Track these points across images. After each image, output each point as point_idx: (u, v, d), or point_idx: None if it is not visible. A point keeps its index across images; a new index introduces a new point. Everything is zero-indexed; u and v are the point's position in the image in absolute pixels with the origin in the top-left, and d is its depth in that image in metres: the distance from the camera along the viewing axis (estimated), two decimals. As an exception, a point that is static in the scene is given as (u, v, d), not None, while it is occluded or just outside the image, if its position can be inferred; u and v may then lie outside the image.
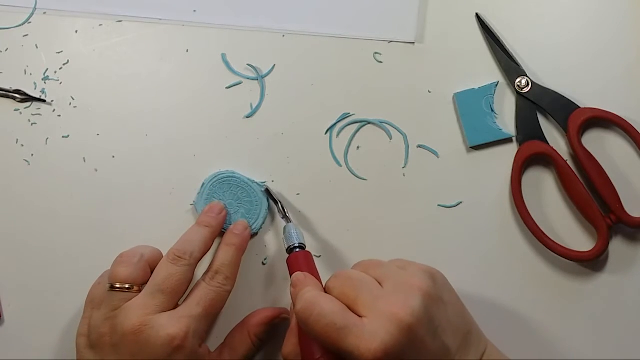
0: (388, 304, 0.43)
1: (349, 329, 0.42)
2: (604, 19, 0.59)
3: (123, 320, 0.48)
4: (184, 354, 0.47)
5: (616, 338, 0.58)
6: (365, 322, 0.43)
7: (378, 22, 0.59)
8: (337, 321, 0.43)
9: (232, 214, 0.56)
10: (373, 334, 0.42)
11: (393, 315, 0.42)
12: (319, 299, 0.44)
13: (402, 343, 0.42)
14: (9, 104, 0.58)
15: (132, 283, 0.50)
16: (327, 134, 0.59)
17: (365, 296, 0.44)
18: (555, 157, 0.57)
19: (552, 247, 0.56)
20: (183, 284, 0.50)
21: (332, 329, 0.43)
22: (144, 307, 0.48)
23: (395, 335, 0.42)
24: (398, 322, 0.42)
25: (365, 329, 0.42)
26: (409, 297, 0.43)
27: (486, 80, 0.59)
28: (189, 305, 0.49)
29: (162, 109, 0.58)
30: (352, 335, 0.42)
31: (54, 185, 0.58)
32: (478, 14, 0.59)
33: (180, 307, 0.49)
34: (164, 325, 0.47)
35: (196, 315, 0.49)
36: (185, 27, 0.59)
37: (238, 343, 0.53)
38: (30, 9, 0.59)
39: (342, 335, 0.42)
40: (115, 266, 0.51)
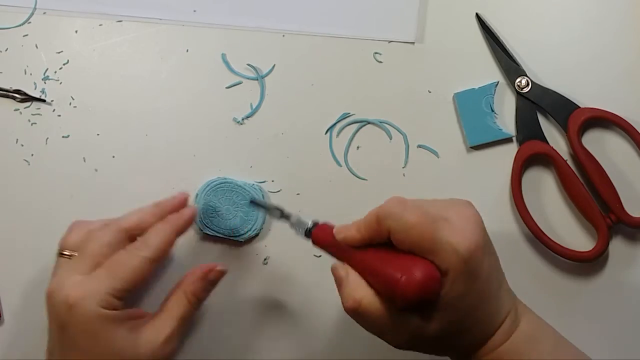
0: (460, 210, 0.45)
1: (442, 223, 0.43)
2: (604, 19, 0.59)
3: (49, 284, 0.49)
4: (80, 314, 0.46)
5: (616, 338, 0.58)
6: (452, 223, 0.43)
7: (378, 22, 0.59)
8: (430, 212, 0.43)
9: (230, 219, 0.56)
10: (464, 230, 0.43)
11: (471, 217, 0.44)
12: (405, 199, 0.44)
13: (485, 240, 0.44)
14: (9, 104, 0.58)
15: (73, 250, 0.50)
16: (327, 134, 0.59)
17: (435, 206, 0.44)
18: (555, 157, 0.57)
19: (552, 247, 0.56)
20: (103, 247, 0.49)
21: (428, 220, 0.42)
22: (65, 271, 0.49)
23: (480, 233, 0.44)
24: (478, 223, 0.44)
25: (455, 225, 0.43)
26: (471, 208, 0.45)
27: (486, 80, 0.59)
28: (99, 269, 0.49)
29: (162, 108, 0.58)
30: (446, 228, 0.42)
31: (54, 185, 0.58)
32: (478, 14, 0.59)
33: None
34: (66, 285, 0.47)
35: (98, 276, 0.48)
36: (185, 27, 0.59)
37: (173, 303, 0.51)
38: (30, 9, 0.59)
39: (437, 227, 0.42)
40: (66, 232, 0.51)
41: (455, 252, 0.42)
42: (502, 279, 0.47)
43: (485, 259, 0.44)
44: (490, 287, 0.45)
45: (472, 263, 0.42)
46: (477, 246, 0.43)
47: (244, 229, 0.57)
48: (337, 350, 0.58)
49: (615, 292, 0.58)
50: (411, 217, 0.43)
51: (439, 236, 0.42)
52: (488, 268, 0.44)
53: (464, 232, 0.43)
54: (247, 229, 0.57)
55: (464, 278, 0.42)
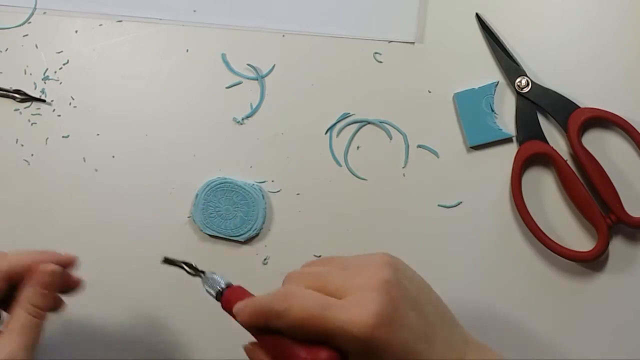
0: (361, 279, 0.41)
1: (333, 308, 0.40)
2: (604, 19, 0.59)
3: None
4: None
5: (616, 338, 0.58)
6: (346, 300, 0.40)
7: (378, 22, 0.59)
8: (320, 302, 0.40)
9: (230, 219, 0.57)
10: (360, 306, 0.40)
11: (370, 286, 0.41)
12: (293, 290, 0.42)
13: (388, 309, 0.40)
14: (9, 104, 0.58)
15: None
16: (327, 134, 0.59)
17: (334, 280, 0.42)
18: (555, 157, 0.57)
19: (552, 247, 0.56)
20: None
21: (316, 312, 0.40)
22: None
23: (380, 302, 0.40)
24: (378, 290, 0.40)
25: (349, 304, 0.40)
26: (379, 270, 0.42)
27: (486, 80, 0.59)
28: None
29: (162, 108, 0.58)
30: (339, 312, 0.40)
31: (54, 185, 0.58)
32: (478, 14, 0.59)
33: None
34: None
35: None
36: (185, 27, 0.59)
37: (13, 316, 0.47)
38: (30, 9, 0.59)
39: (328, 315, 0.40)
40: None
41: (348, 334, 0.39)
42: (440, 329, 0.43)
43: (395, 330, 0.40)
44: (410, 357, 0.41)
45: (373, 340, 0.39)
46: (377, 321, 0.39)
47: (244, 229, 0.57)
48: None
49: (615, 292, 0.58)
50: (297, 314, 0.40)
51: (330, 323, 0.40)
52: (401, 339, 0.40)
53: (359, 309, 0.40)
54: (247, 229, 0.57)
55: (366, 357, 0.40)
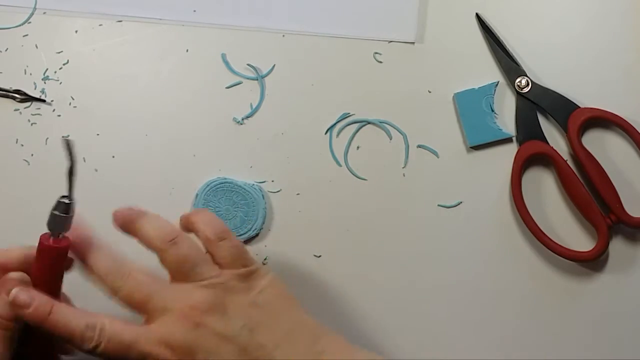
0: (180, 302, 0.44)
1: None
2: (604, 19, 0.59)
3: None
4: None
5: (616, 338, 0.58)
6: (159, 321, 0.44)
7: (378, 22, 0.59)
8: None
9: (230, 219, 0.57)
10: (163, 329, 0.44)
11: (181, 310, 0.44)
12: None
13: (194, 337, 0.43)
14: (9, 104, 0.58)
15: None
16: (327, 134, 0.59)
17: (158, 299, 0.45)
18: (555, 157, 0.57)
19: (552, 247, 0.56)
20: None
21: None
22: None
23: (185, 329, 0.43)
24: (187, 318, 0.43)
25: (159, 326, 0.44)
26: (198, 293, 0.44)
27: (486, 80, 0.59)
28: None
29: (162, 109, 0.58)
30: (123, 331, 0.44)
31: (54, 185, 0.58)
32: (478, 14, 0.59)
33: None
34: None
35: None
36: (185, 27, 0.59)
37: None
38: (30, 9, 0.59)
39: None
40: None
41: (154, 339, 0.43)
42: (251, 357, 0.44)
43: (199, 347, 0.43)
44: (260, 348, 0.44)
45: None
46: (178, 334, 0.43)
47: (244, 229, 0.57)
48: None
49: (615, 292, 0.58)
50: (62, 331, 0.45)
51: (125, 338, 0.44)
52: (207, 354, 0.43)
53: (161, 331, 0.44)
54: (247, 229, 0.57)
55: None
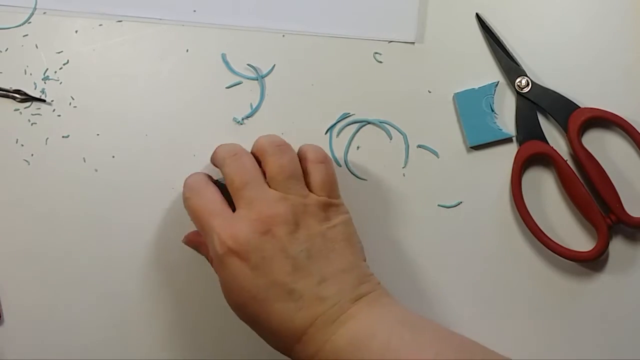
0: (261, 205, 0.47)
1: (218, 214, 0.47)
2: (604, 19, 0.59)
3: None
4: None
5: (616, 338, 0.58)
6: (235, 214, 0.47)
7: (378, 22, 0.59)
8: (211, 207, 0.48)
9: None
10: (236, 222, 0.46)
11: (260, 213, 0.47)
12: (201, 185, 0.50)
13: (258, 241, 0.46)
14: (9, 104, 0.58)
15: None
16: (327, 134, 0.59)
17: (248, 192, 0.48)
18: (555, 157, 0.57)
19: (552, 247, 0.56)
20: None
21: (206, 211, 0.48)
22: None
23: (254, 231, 0.46)
24: (261, 222, 0.46)
25: (232, 218, 0.47)
26: (280, 204, 0.47)
27: (486, 80, 0.59)
28: None
29: (162, 109, 0.58)
30: (220, 218, 0.47)
31: (54, 185, 0.58)
32: (478, 14, 0.59)
33: None
34: None
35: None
36: (185, 27, 0.59)
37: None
38: (30, 9, 0.59)
39: (211, 217, 0.47)
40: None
41: (210, 244, 0.47)
42: (297, 279, 0.46)
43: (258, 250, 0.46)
44: (259, 295, 0.46)
45: (226, 258, 0.46)
46: (240, 238, 0.46)
47: None
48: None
49: (615, 292, 0.58)
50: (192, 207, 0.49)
51: (207, 226, 0.47)
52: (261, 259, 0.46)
53: (235, 224, 0.46)
54: None
55: (221, 271, 0.47)
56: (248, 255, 0.45)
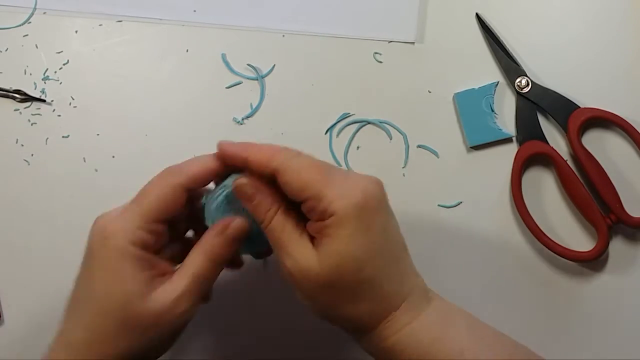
0: (357, 178, 0.44)
1: (335, 172, 0.43)
2: (604, 19, 0.59)
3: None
4: (110, 247, 0.44)
5: (616, 338, 0.58)
6: (348, 174, 0.44)
7: (378, 22, 0.59)
8: (325, 168, 0.43)
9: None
10: (358, 182, 0.43)
11: (366, 181, 0.43)
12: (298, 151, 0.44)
13: (381, 201, 0.43)
14: (9, 104, 0.58)
15: None
16: (327, 134, 0.59)
17: (336, 171, 0.44)
18: (555, 157, 0.57)
19: (552, 247, 0.56)
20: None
21: (321, 172, 0.42)
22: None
23: (377, 191, 0.43)
24: (378, 184, 0.43)
25: (350, 177, 0.43)
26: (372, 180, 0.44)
27: (486, 80, 0.59)
28: (131, 201, 0.46)
29: (162, 109, 0.58)
30: (339, 177, 0.42)
31: (54, 185, 0.58)
32: (478, 14, 0.59)
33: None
34: (106, 216, 0.46)
35: (130, 208, 0.45)
36: (185, 27, 0.59)
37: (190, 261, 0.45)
38: (30, 9, 0.59)
39: (329, 179, 0.42)
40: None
41: (349, 190, 0.42)
42: (405, 255, 0.45)
43: (380, 216, 0.43)
44: (387, 248, 0.43)
45: (363, 211, 0.42)
46: (370, 197, 0.42)
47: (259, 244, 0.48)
48: (337, 350, 0.58)
49: (615, 292, 0.58)
50: (303, 160, 0.43)
51: (329, 182, 0.42)
52: (382, 227, 0.43)
53: (357, 183, 0.43)
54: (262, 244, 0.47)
55: (356, 220, 0.41)
56: (379, 211, 0.43)
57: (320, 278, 0.42)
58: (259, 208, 0.44)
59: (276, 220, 0.44)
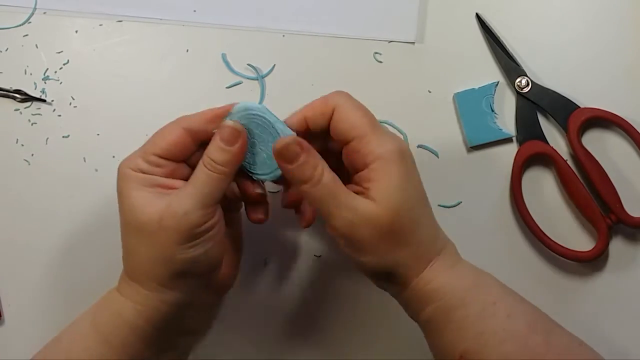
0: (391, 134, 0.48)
1: (377, 126, 0.47)
2: (604, 19, 0.59)
3: None
4: (117, 177, 0.48)
5: (616, 338, 0.58)
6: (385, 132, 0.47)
7: (378, 22, 0.59)
8: (373, 116, 0.47)
9: (253, 155, 0.50)
10: (392, 138, 0.46)
11: (399, 137, 0.47)
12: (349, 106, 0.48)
13: (409, 154, 0.47)
14: (9, 104, 0.58)
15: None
16: (327, 134, 0.59)
17: (378, 123, 0.47)
18: (555, 157, 0.57)
19: (552, 247, 0.56)
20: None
21: (371, 118, 0.47)
22: None
23: (405, 145, 0.47)
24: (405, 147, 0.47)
25: (386, 134, 0.47)
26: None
27: (486, 80, 0.59)
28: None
29: (162, 109, 0.58)
30: (380, 130, 0.46)
31: (54, 185, 0.58)
32: (478, 14, 0.59)
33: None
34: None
35: (142, 145, 0.48)
36: (185, 27, 0.59)
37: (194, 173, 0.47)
38: (30, 9, 0.59)
39: (374, 126, 0.46)
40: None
41: (391, 139, 0.46)
42: (434, 219, 0.48)
43: (415, 166, 0.47)
44: (424, 195, 0.47)
45: (404, 157, 0.46)
46: (406, 148, 0.46)
47: (262, 169, 0.50)
48: (337, 350, 0.58)
49: (615, 292, 0.58)
50: (357, 103, 0.47)
51: (376, 128, 0.46)
52: (418, 175, 0.47)
53: (393, 136, 0.47)
54: (264, 171, 0.50)
55: (400, 164, 0.45)
56: (413, 162, 0.47)
57: (382, 221, 0.44)
58: (306, 166, 0.45)
59: (327, 175, 0.45)
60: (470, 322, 0.45)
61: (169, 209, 0.44)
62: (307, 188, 0.45)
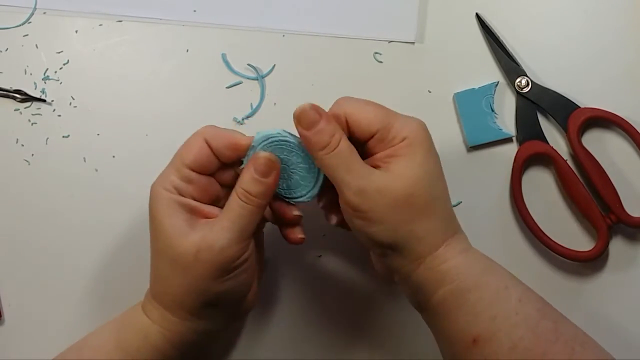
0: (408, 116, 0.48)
1: (392, 112, 0.47)
2: (604, 19, 0.59)
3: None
4: (150, 197, 0.48)
5: (616, 338, 0.58)
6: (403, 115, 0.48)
7: (378, 22, 0.59)
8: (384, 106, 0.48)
9: (284, 180, 0.50)
10: (412, 119, 0.47)
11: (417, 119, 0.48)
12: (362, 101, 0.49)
13: (429, 135, 0.47)
14: (9, 104, 0.58)
15: None
16: (327, 134, 0.59)
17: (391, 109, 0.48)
18: (555, 157, 0.57)
19: (552, 247, 0.56)
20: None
21: (384, 108, 0.47)
22: None
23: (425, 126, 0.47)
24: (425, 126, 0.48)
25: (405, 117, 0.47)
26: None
27: (486, 80, 0.59)
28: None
29: (162, 109, 0.58)
30: (397, 114, 0.47)
31: (54, 185, 0.58)
32: (478, 14, 0.59)
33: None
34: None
35: (171, 161, 0.48)
36: (185, 27, 0.59)
37: (227, 204, 0.47)
38: (30, 9, 0.59)
39: (391, 113, 0.47)
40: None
41: (411, 119, 0.47)
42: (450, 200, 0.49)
43: (434, 145, 0.48)
44: (443, 175, 0.48)
45: (427, 137, 0.47)
46: (426, 129, 0.47)
47: (298, 192, 0.51)
48: (338, 350, 0.58)
49: (615, 292, 0.58)
50: (363, 100, 0.48)
51: (393, 114, 0.47)
52: (438, 155, 0.48)
53: (413, 118, 0.48)
54: (301, 193, 0.51)
55: (424, 142, 0.46)
56: (433, 142, 0.48)
57: (398, 192, 0.45)
58: (323, 133, 0.46)
59: (344, 144, 0.45)
60: (485, 306, 0.45)
61: (205, 242, 0.44)
62: (322, 155, 0.45)
